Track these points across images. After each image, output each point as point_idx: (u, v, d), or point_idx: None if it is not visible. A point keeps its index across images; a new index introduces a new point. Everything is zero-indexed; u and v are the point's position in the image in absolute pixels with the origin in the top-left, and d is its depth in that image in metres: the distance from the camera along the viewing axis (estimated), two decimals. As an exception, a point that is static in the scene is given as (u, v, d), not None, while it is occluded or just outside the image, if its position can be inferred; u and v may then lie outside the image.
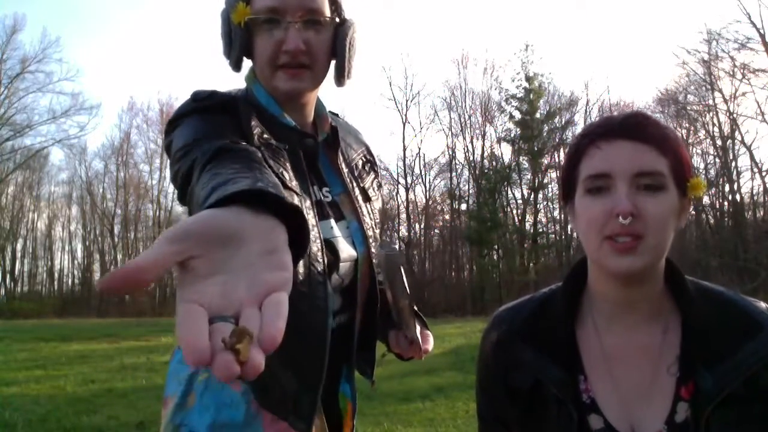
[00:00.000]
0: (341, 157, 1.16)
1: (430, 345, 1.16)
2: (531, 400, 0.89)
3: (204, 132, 0.92)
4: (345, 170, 1.15)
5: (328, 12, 1.04)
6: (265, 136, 1.00)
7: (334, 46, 1.07)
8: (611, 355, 0.87)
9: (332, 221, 1.06)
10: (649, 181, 0.81)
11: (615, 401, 0.85)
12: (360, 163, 1.22)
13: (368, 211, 1.16)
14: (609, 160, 0.82)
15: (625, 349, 0.87)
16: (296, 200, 0.94)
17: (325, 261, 0.98)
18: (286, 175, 0.96)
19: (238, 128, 0.97)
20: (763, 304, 0.87)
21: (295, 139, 1.06)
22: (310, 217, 0.96)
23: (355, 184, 1.16)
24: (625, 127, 0.83)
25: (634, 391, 0.85)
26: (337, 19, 1.08)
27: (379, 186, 1.27)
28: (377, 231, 1.19)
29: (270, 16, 1.00)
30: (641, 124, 0.83)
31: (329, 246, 1.01)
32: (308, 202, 0.99)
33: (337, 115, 1.26)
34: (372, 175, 1.24)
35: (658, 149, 0.82)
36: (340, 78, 1.10)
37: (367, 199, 1.17)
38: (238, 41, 1.02)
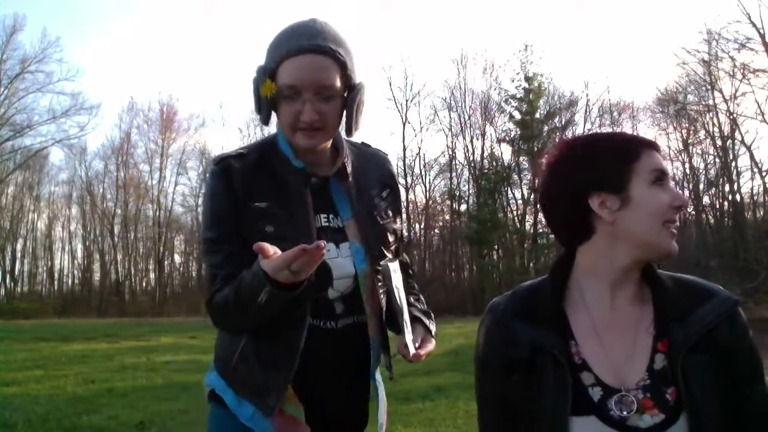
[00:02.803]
0: (353, 185, 1.36)
1: (424, 351, 1.31)
2: (528, 369, 1.01)
3: (212, 227, 1.28)
4: (355, 197, 1.35)
5: (338, 85, 1.25)
6: (256, 204, 1.26)
7: (345, 105, 1.30)
8: (599, 325, 1.02)
9: (331, 244, 1.28)
10: (669, 180, 1.03)
11: (603, 361, 1.00)
12: (377, 189, 1.41)
13: (376, 232, 1.35)
14: (660, 163, 1.03)
15: (611, 321, 1.02)
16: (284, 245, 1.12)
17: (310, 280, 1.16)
18: (269, 229, 1.24)
19: (234, 197, 1.26)
20: (716, 284, 1.07)
21: (301, 179, 1.30)
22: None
23: (364, 209, 1.35)
24: (637, 137, 1.07)
25: (619, 351, 1.00)
26: (347, 88, 1.29)
27: (397, 211, 1.45)
28: (392, 248, 1.40)
29: (290, 92, 1.23)
30: (643, 137, 1.06)
31: (322, 266, 1.17)
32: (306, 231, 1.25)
33: (367, 145, 1.50)
34: (388, 200, 1.43)
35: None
36: (348, 132, 1.33)
37: (374, 222, 1.36)
38: (265, 107, 1.27)
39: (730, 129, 22.41)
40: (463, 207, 28.77)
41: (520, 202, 27.94)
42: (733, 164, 22.85)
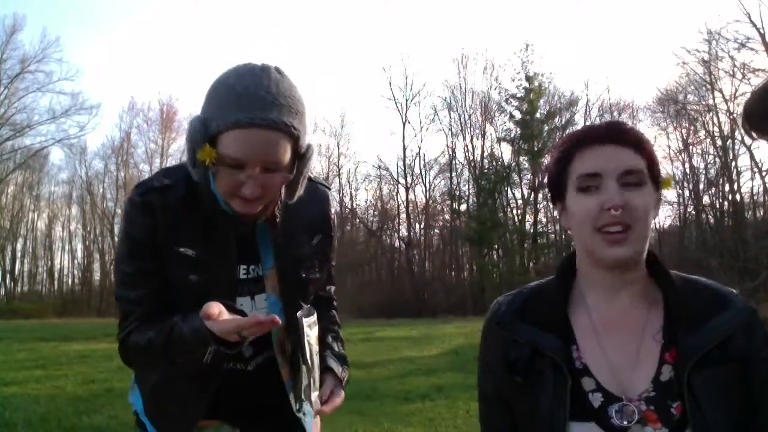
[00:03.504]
0: (281, 233, 1.27)
1: (329, 407, 1.24)
2: (528, 372, 0.99)
3: (129, 261, 1.20)
4: (282, 245, 1.27)
5: (287, 158, 1.12)
6: (180, 249, 1.18)
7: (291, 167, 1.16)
8: (601, 329, 0.99)
9: (246, 298, 1.25)
10: (633, 179, 0.95)
11: (605, 367, 0.96)
12: (307, 235, 1.32)
13: (296, 286, 1.29)
14: (598, 161, 0.96)
15: (614, 324, 0.99)
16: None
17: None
18: (192, 277, 1.18)
19: (156, 236, 1.17)
20: (732, 290, 1.01)
21: (229, 225, 1.20)
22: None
23: (288, 261, 1.28)
24: (610, 132, 0.98)
25: (623, 357, 0.96)
26: (296, 156, 1.15)
27: (325, 259, 1.37)
28: (310, 297, 1.35)
29: (233, 163, 1.09)
30: (622, 130, 0.99)
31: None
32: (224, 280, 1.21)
33: (310, 179, 1.31)
34: (316, 248, 1.33)
35: (636, 150, 0.97)
36: (290, 197, 1.21)
37: (297, 275, 1.29)
38: (201, 169, 1.12)
39: (730, 129, 22.41)
40: (463, 207, 28.81)
41: (520, 201, 27.97)
42: (733, 164, 22.87)
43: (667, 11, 40.80)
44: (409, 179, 28.95)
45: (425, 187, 29.59)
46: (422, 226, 29.82)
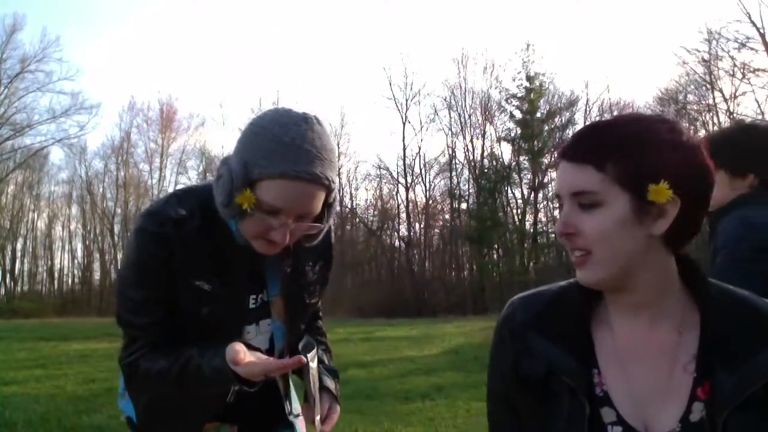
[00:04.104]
0: (290, 262, 1.29)
1: (329, 426, 1.27)
2: (543, 392, 0.89)
3: (138, 288, 1.18)
4: (288, 272, 1.29)
5: (318, 210, 1.14)
6: (196, 282, 1.18)
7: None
8: (624, 351, 0.87)
9: (252, 325, 1.27)
10: (585, 200, 0.84)
11: (629, 397, 0.85)
12: (311, 261, 1.34)
13: (301, 313, 1.34)
14: (558, 180, 0.88)
15: (638, 347, 0.87)
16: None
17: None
18: (204, 310, 1.18)
19: (170, 268, 1.16)
20: None
21: (243, 259, 1.21)
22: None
23: (295, 289, 1.31)
24: (565, 148, 0.87)
25: (649, 388, 0.85)
26: (324, 207, 1.18)
27: (325, 283, 1.40)
28: (308, 322, 1.40)
29: (270, 210, 1.10)
30: (578, 144, 0.86)
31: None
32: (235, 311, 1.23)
33: None
34: (319, 274, 1.37)
35: (595, 165, 0.83)
36: (309, 240, 1.22)
37: (302, 302, 1.33)
38: (234, 212, 1.12)
39: (730, 128, 22.36)
40: (463, 206, 28.79)
41: (520, 201, 27.96)
42: (733, 164, 22.82)
43: (667, 11, 40.81)
44: (409, 179, 28.99)
45: (425, 186, 29.63)
46: (422, 226, 29.84)
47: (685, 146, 0.83)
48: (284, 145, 1.07)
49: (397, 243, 30.57)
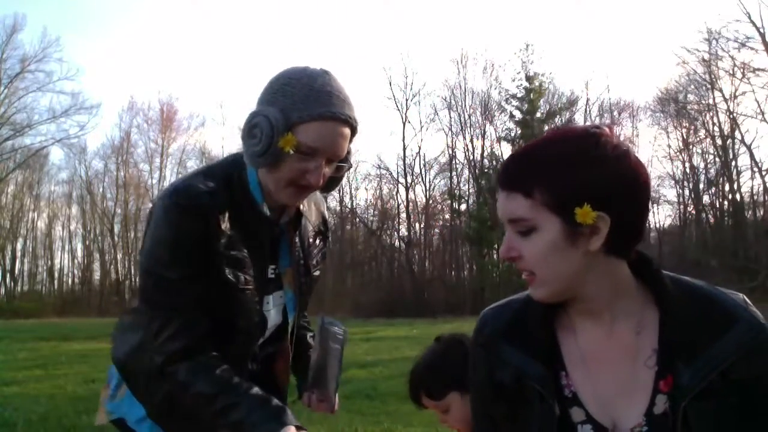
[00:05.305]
0: (297, 235, 1.37)
1: (338, 404, 1.42)
2: (515, 398, 0.92)
3: (175, 266, 1.17)
4: (297, 246, 1.37)
5: (345, 152, 1.23)
6: (232, 252, 1.21)
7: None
8: (588, 353, 0.91)
9: (270, 296, 1.32)
10: (519, 227, 0.87)
11: (596, 396, 0.88)
12: (312, 236, 1.43)
13: (308, 283, 1.41)
14: (497, 208, 0.90)
15: (600, 348, 0.90)
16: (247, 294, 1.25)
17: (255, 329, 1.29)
18: (242, 278, 1.22)
19: (207, 240, 1.18)
20: (740, 296, 0.90)
21: (268, 229, 1.29)
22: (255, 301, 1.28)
23: (302, 259, 1.39)
24: (499, 175, 0.90)
25: (613, 386, 0.88)
26: (346, 158, 1.26)
27: (323, 257, 1.48)
28: (308, 296, 1.46)
29: (307, 152, 1.17)
30: (507, 171, 0.89)
31: (261, 319, 1.30)
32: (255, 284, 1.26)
33: None
34: (319, 247, 1.46)
35: (523, 193, 0.85)
36: (328, 189, 1.32)
37: (308, 272, 1.41)
38: (274, 156, 1.17)
39: (730, 128, 22.45)
40: (463, 206, 28.77)
41: (520, 201, 27.90)
42: (733, 163, 22.88)
43: (667, 11, 40.86)
44: (409, 179, 28.95)
45: (425, 186, 29.59)
46: (422, 226, 29.82)
47: (609, 159, 0.83)
48: (317, 91, 1.17)
49: (397, 243, 30.57)
